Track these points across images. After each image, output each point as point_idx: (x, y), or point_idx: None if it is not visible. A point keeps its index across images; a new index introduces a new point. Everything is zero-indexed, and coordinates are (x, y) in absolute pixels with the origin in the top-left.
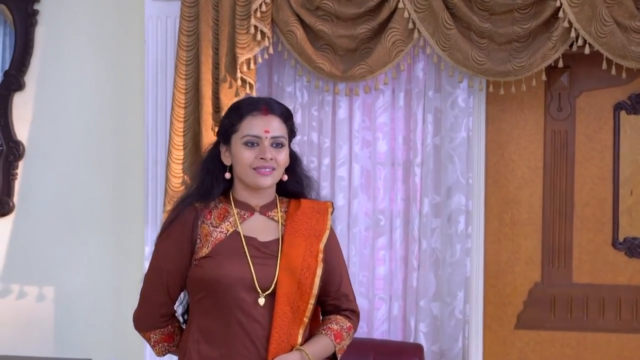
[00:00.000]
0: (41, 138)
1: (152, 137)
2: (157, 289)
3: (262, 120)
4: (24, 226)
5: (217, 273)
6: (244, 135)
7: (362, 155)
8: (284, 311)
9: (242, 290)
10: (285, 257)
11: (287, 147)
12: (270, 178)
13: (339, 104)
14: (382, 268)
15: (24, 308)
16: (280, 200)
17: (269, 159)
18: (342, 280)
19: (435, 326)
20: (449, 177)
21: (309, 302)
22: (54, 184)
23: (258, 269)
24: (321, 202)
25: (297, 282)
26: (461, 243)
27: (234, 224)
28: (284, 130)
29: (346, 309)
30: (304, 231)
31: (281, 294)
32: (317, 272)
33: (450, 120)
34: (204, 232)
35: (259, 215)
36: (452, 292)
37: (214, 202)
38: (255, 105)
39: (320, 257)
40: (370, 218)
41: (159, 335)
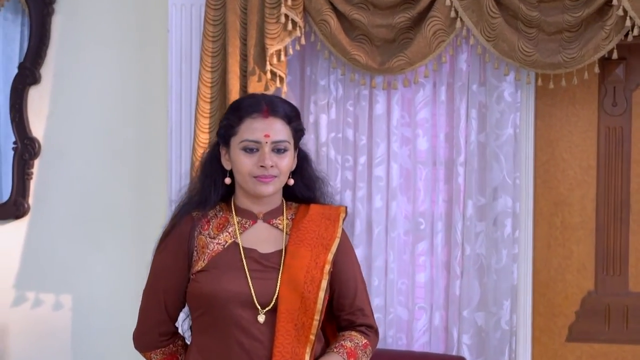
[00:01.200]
0: (58, 135)
1: (176, 134)
2: (154, 307)
3: (262, 124)
4: (40, 229)
5: (213, 288)
6: (243, 139)
7: (401, 153)
8: (286, 328)
9: (239, 306)
10: (287, 270)
11: (291, 151)
12: (272, 186)
13: (376, 98)
14: (422, 275)
15: (39, 317)
16: (288, 206)
17: (269, 166)
18: (356, 293)
19: (480, 338)
20: (495, 178)
21: (314, 319)
22: (71, 184)
23: (257, 283)
24: (333, 207)
25: (300, 297)
26: (508, 248)
27: (233, 235)
28: (288, 133)
29: (362, 324)
30: (310, 240)
31: (283, 310)
32: (322, 285)
33: (496, 116)
34: (200, 244)
35: (262, 224)
36: (498, 301)
37: (213, 210)
38: (256, 106)
39: (327, 268)
40: (409, 221)
41: (160, 355)
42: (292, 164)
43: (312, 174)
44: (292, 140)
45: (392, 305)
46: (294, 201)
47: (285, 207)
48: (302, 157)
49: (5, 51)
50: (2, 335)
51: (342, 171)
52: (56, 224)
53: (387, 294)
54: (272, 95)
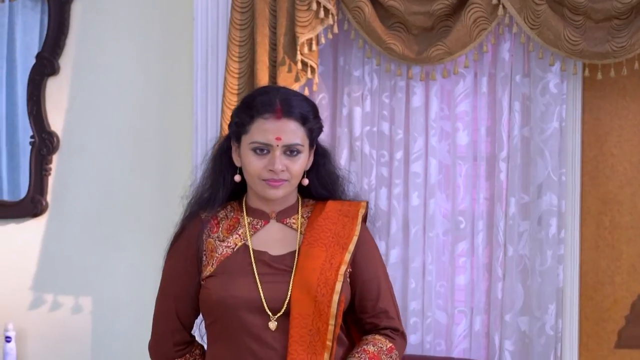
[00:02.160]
0: (78, 129)
1: (202, 129)
2: (166, 315)
3: (274, 125)
4: (58, 228)
5: (222, 295)
6: (253, 140)
7: (440, 148)
8: (300, 334)
9: (249, 313)
10: (299, 272)
11: (305, 152)
12: (282, 190)
13: (413, 90)
14: (462, 277)
15: (58, 321)
16: (305, 204)
17: (279, 171)
18: (379, 293)
19: (523, 344)
20: (539, 174)
21: (329, 323)
22: (91, 180)
23: (267, 287)
24: (352, 203)
25: (314, 301)
26: (553, 249)
27: (243, 237)
28: (302, 134)
29: (386, 327)
30: (326, 240)
31: (296, 315)
32: (336, 287)
33: (541, 109)
34: (209, 248)
35: (275, 224)
36: (543, 305)
37: (224, 210)
38: (269, 105)
39: (343, 269)
40: (449, 220)
41: None
42: (305, 165)
43: (329, 172)
44: (306, 140)
45: (430, 309)
46: (311, 198)
47: (301, 205)
48: (319, 153)
49: (24, 40)
50: (19, 339)
51: (377, 167)
52: (75, 223)
53: (424, 297)
54: (288, 90)
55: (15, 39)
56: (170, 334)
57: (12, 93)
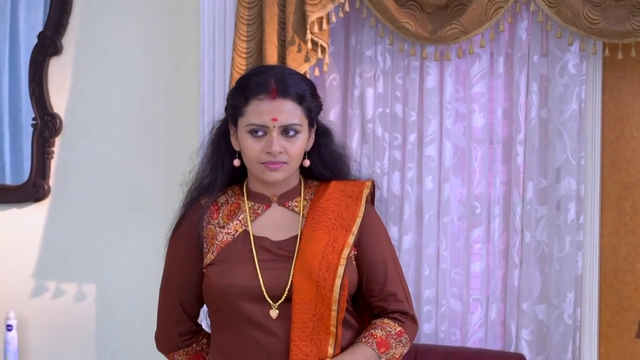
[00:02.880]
0: (81, 110)
1: (209, 111)
2: (170, 305)
3: (269, 106)
4: (61, 214)
5: (222, 283)
6: (249, 123)
7: (455, 131)
8: (302, 320)
9: (250, 301)
10: (301, 257)
11: (303, 133)
12: (282, 173)
13: (427, 70)
14: (477, 264)
15: (60, 309)
16: (308, 186)
17: (276, 153)
18: (387, 276)
19: (541, 333)
20: (558, 157)
21: (332, 309)
22: (95, 164)
23: (267, 274)
24: (357, 183)
25: (316, 285)
26: (572, 235)
27: (244, 222)
28: (299, 114)
29: (395, 310)
30: (328, 222)
31: (298, 301)
32: (338, 271)
33: (559, 90)
34: (209, 235)
35: (276, 208)
36: (561, 293)
37: (224, 195)
38: (263, 85)
39: (346, 252)
40: (464, 205)
41: (184, 356)
42: (305, 146)
43: (331, 151)
44: (305, 120)
45: (445, 297)
46: (314, 179)
47: (304, 186)
48: (320, 132)
49: (27, 19)
50: (21, 328)
51: (389, 150)
52: (78, 208)
53: (439, 285)
54: (283, 69)
55: (18, 17)
56: (175, 324)
57: (16, 74)
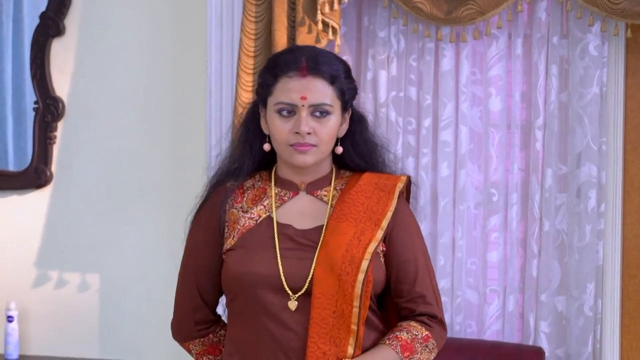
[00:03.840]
0: (84, 94)
1: (216, 93)
2: (187, 291)
3: (299, 84)
4: (64, 201)
5: (239, 270)
6: (277, 101)
7: (471, 115)
8: (322, 316)
9: (268, 291)
10: (324, 248)
11: (335, 115)
12: (311, 156)
13: (442, 52)
14: (494, 254)
15: (63, 299)
16: (340, 176)
17: (305, 133)
18: (417, 276)
19: (560, 326)
20: (578, 143)
21: (353, 305)
22: (99, 149)
23: (288, 263)
24: (391, 176)
25: (338, 279)
26: (592, 223)
27: (268, 208)
28: (331, 94)
29: (422, 313)
30: (357, 214)
31: (318, 295)
32: (362, 266)
33: (580, 73)
34: (231, 219)
35: (304, 196)
36: (581, 284)
37: (251, 179)
38: (293, 62)
39: (373, 247)
40: (480, 192)
41: (199, 346)
42: (337, 130)
43: (366, 140)
44: (337, 102)
45: (460, 288)
46: (348, 169)
47: (335, 176)
48: (355, 119)
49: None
50: (22, 319)
51: (403, 135)
52: (82, 194)
53: (454, 275)
54: (317, 49)
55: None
56: (192, 311)
57: (19, 55)
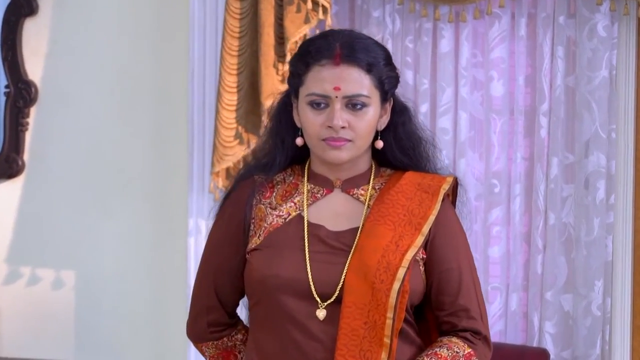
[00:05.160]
0: (59, 77)
1: (199, 76)
2: (204, 289)
3: (332, 73)
4: (37, 192)
5: (264, 273)
6: (309, 92)
7: (472, 100)
8: (352, 327)
9: (294, 297)
10: (358, 253)
11: (373, 107)
12: (346, 152)
13: (440, 33)
14: (496, 249)
15: (36, 298)
16: (380, 174)
17: (339, 127)
18: (460, 287)
19: (566, 326)
20: (586, 130)
21: (387, 316)
22: (75, 137)
23: (317, 268)
24: (435, 177)
25: (371, 288)
26: (601, 216)
27: (299, 206)
28: (368, 84)
29: (465, 328)
30: (395, 217)
31: (349, 303)
32: (398, 274)
33: (588, 55)
34: (258, 215)
35: (339, 194)
36: (589, 281)
37: (282, 173)
38: (326, 49)
39: (411, 254)
40: (481, 183)
41: (212, 349)
42: (376, 123)
43: (409, 133)
44: (375, 92)
45: None
46: (389, 167)
47: (374, 173)
48: (397, 111)
49: None
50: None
51: None
52: (56, 186)
53: None
54: (353, 34)
55: None
56: (206, 311)
57: None
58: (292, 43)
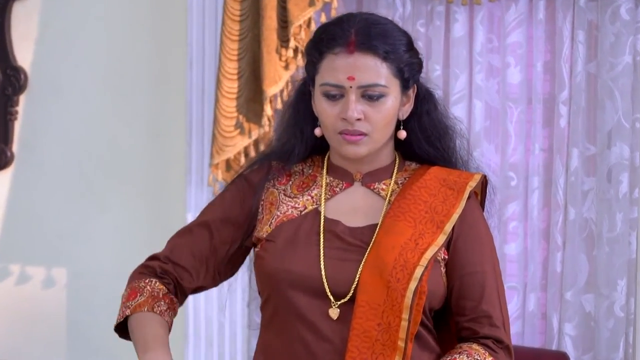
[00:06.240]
0: (50, 64)
1: (197, 63)
2: (200, 227)
3: (346, 62)
4: (27, 184)
5: (275, 266)
6: (323, 82)
7: (487, 88)
8: (365, 328)
9: (306, 295)
10: (375, 250)
11: (392, 96)
12: (364, 147)
13: (454, 16)
14: (513, 246)
15: (25, 296)
16: (404, 167)
17: (354, 119)
18: (483, 292)
19: (588, 328)
20: (608, 119)
21: (402, 318)
22: (67, 127)
23: (331, 264)
24: (463, 173)
25: (387, 287)
26: (624, 211)
27: (317, 200)
28: (386, 72)
29: (487, 336)
30: (417, 213)
31: (362, 302)
32: (416, 273)
33: (610, 40)
34: (268, 199)
35: (359, 188)
36: (611, 280)
37: (301, 164)
38: (340, 36)
39: (431, 253)
40: (497, 176)
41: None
42: (396, 113)
43: (435, 122)
44: (394, 81)
45: None
46: (415, 160)
47: (398, 167)
48: (421, 98)
49: None
50: None
51: None
52: (47, 178)
53: None
54: (371, 18)
55: None
56: (164, 256)
57: None
58: (296, 27)
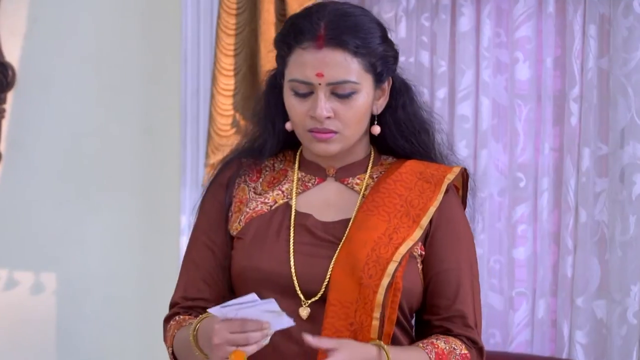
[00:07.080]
0: (39, 59)
1: (192, 58)
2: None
3: (314, 57)
4: (15, 185)
5: (242, 265)
6: (291, 78)
7: (495, 84)
8: (336, 328)
9: (275, 293)
10: (346, 246)
11: (364, 92)
12: (334, 144)
13: (460, 10)
14: (522, 250)
15: (13, 302)
16: (379, 162)
17: (323, 118)
18: (458, 290)
19: (600, 335)
20: (620, 117)
21: (373, 317)
22: (57, 125)
23: (301, 261)
24: (441, 167)
25: (358, 284)
26: (637, 214)
27: (287, 194)
28: (357, 68)
29: (460, 334)
30: (391, 208)
31: (333, 301)
32: (389, 268)
33: (623, 34)
34: (239, 195)
35: (332, 183)
36: (624, 285)
37: (272, 159)
38: (308, 31)
39: (406, 248)
40: (505, 177)
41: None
42: (369, 109)
43: (410, 115)
44: (366, 76)
45: (482, 290)
46: (392, 155)
47: (373, 161)
48: (397, 91)
49: None
50: None
51: None
52: (36, 178)
53: None
54: (342, 9)
55: None
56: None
57: None
58: None
